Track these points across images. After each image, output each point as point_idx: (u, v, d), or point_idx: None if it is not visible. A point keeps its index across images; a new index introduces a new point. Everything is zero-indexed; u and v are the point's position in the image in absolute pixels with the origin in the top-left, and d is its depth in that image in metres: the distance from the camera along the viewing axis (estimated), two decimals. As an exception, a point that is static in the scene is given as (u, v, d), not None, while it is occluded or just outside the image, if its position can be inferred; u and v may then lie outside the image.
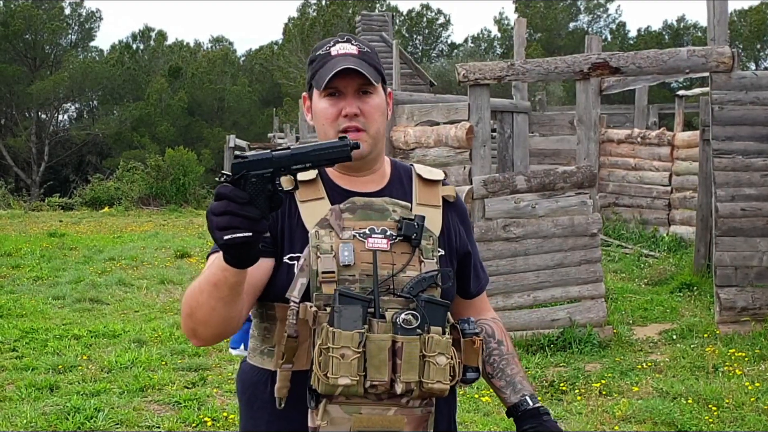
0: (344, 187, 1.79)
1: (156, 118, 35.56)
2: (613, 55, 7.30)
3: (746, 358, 5.99)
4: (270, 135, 27.55)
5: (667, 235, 11.58)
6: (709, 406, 4.98)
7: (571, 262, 6.64)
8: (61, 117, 40.03)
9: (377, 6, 42.38)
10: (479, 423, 4.86)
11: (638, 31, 42.98)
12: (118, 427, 4.87)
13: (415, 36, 46.96)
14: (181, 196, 21.82)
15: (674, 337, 6.75)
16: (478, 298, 1.96)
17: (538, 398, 1.84)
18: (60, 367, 6.03)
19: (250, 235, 1.43)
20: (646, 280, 9.15)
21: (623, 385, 5.52)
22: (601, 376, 5.69)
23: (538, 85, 21.44)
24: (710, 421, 4.77)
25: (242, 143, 25.61)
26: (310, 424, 1.63)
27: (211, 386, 5.64)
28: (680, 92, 15.39)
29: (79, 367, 6.05)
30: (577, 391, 5.42)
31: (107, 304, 8.52)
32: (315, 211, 1.73)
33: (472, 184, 6.61)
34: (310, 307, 1.64)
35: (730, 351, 6.15)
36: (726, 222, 6.90)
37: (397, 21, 42.23)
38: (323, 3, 39.94)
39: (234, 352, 2.01)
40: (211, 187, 25.25)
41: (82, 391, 5.43)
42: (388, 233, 1.72)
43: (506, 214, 6.55)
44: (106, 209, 20.77)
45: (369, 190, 1.80)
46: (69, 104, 39.88)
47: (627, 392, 5.38)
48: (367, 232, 1.71)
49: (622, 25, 45.31)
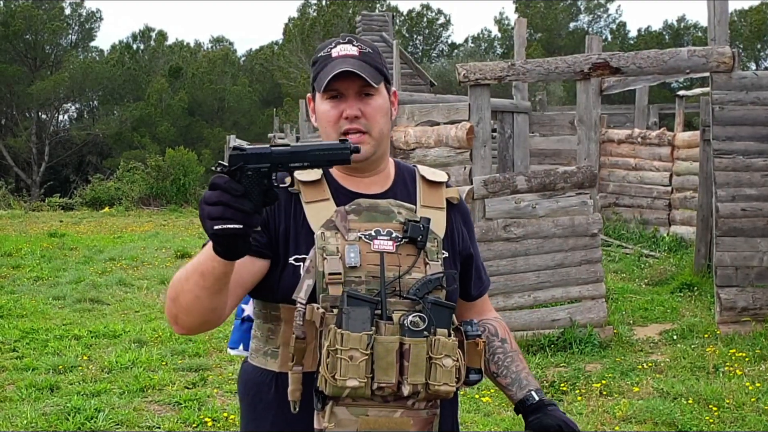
0: (349, 189, 1.79)
1: (156, 119, 35.57)
2: (614, 55, 7.30)
3: (747, 359, 5.99)
4: (270, 135, 27.54)
5: (668, 235, 11.58)
6: (710, 407, 4.98)
7: (572, 263, 6.64)
8: (61, 117, 40.10)
9: (377, 6, 42.37)
10: (480, 423, 4.86)
11: (638, 31, 43.02)
12: (119, 427, 4.87)
13: (415, 36, 46.96)
14: (182, 197, 21.82)
15: (675, 338, 6.75)
16: (481, 299, 1.96)
17: (544, 392, 1.84)
18: (60, 367, 6.03)
19: (240, 227, 1.41)
20: (646, 281, 9.15)
21: (624, 386, 5.52)
22: (601, 377, 5.69)
23: (539, 85, 21.44)
24: (711, 421, 4.77)
25: (243, 143, 25.58)
26: (316, 425, 1.63)
27: (212, 386, 5.64)
28: (681, 92, 15.40)
29: (80, 368, 6.05)
30: (577, 392, 5.42)
31: (107, 305, 8.52)
32: (320, 213, 1.73)
33: (472, 184, 6.61)
34: (317, 309, 1.63)
35: (731, 351, 6.15)
36: (726, 222, 6.90)
37: (398, 21, 42.24)
38: (323, 3, 39.95)
39: (233, 353, 2.00)
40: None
41: (83, 392, 5.43)
42: (394, 235, 1.72)
43: (507, 214, 6.55)
44: (106, 209, 20.77)
45: (374, 192, 1.80)
46: (69, 104, 39.92)
47: (627, 392, 5.38)
48: (373, 234, 1.70)
49: (623, 25, 45.31)
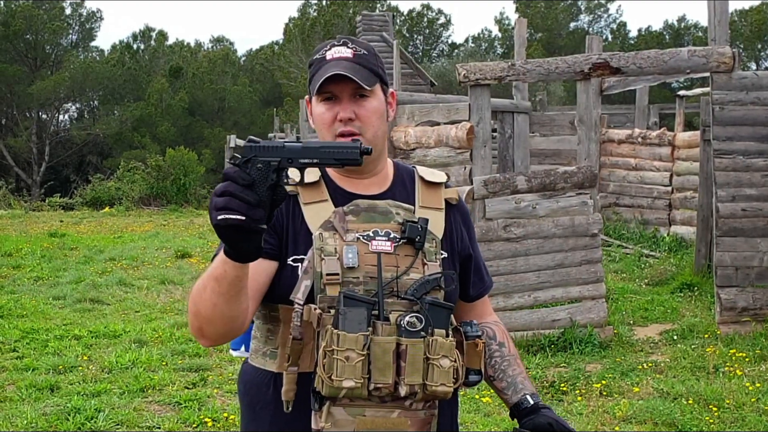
0: (347, 190, 1.78)
1: (157, 118, 35.59)
2: (614, 56, 7.30)
3: (747, 359, 5.99)
4: (270, 135, 27.57)
5: (668, 235, 11.58)
6: (710, 407, 4.98)
7: (572, 263, 6.64)
8: (61, 117, 40.15)
9: (378, 6, 42.40)
10: (480, 423, 4.86)
11: (639, 31, 43.04)
12: (119, 427, 4.87)
13: (415, 36, 46.98)
14: (182, 197, 21.83)
15: (675, 338, 6.75)
16: (480, 301, 1.96)
17: (540, 396, 1.84)
18: (60, 367, 6.03)
19: (242, 218, 1.40)
20: (646, 281, 9.15)
21: (624, 386, 5.52)
22: (601, 377, 5.69)
23: (539, 85, 21.44)
24: (711, 421, 4.77)
25: (243, 143, 25.63)
26: (313, 426, 1.63)
27: (212, 387, 5.64)
28: (681, 92, 15.39)
29: (80, 368, 6.05)
30: (577, 392, 5.42)
31: (108, 305, 8.52)
32: (318, 214, 1.73)
33: (472, 184, 6.61)
34: (315, 310, 1.63)
35: (731, 351, 6.15)
36: (726, 222, 6.90)
37: (398, 21, 42.27)
38: (324, 3, 39.97)
39: (235, 354, 2.00)
40: (211, 187, 25.26)
41: (83, 392, 5.43)
42: (392, 236, 1.71)
43: (507, 215, 6.55)
44: (106, 209, 20.78)
45: (372, 193, 1.79)
46: (70, 104, 39.96)
47: (627, 393, 5.38)
48: (371, 235, 1.70)
49: (623, 25, 45.35)
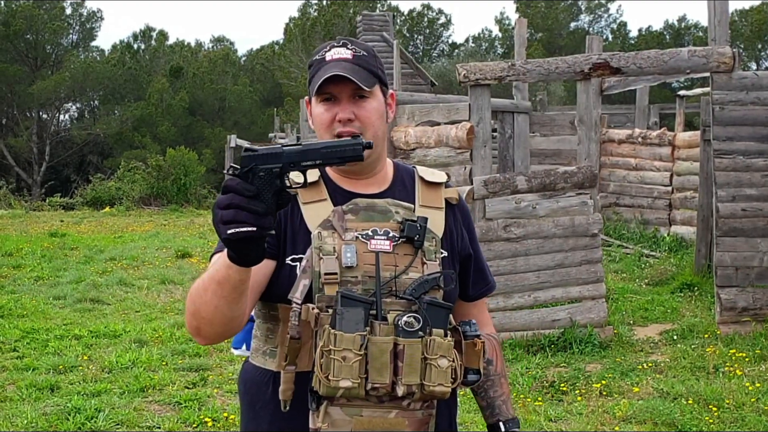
0: (346, 189, 1.79)
1: (157, 118, 35.59)
2: (614, 56, 7.30)
3: (747, 359, 5.99)
4: (271, 135, 27.57)
5: (668, 235, 11.57)
6: (710, 407, 4.98)
7: (572, 263, 6.64)
8: (62, 117, 40.15)
9: (378, 6, 42.41)
10: (479, 423, 4.86)
11: (639, 30, 43.02)
12: (119, 427, 4.87)
13: (416, 36, 46.97)
14: (182, 196, 21.83)
15: (675, 338, 6.75)
16: (478, 309, 1.96)
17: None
18: (60, 367, 6.03)
19: (254, 230, 1.39)
20: (646, 281, 9.15)
21: (624, 386, 5.52)
22: (601, 377, 5.69)
23: (540, 85, 21.44)
24: (710, 421, 4.77)
25: (243, 143, 25.64)
26: (311, 425, 1.63)
27: (212, 386, 5.65)
28: (681, 92, 15.40)
29: (80, 368, 6.05)
30: (577, 392, 5.42)
31: (108, 305, 8.53)
32: (317, 213, 1.73)
33: (472, 184, 6.61)
34: (313, 309, 1.63)
35: (731, 351, 6.15)
36: (727, 222, 6.90)
37: (398, 21, 42.27)
38: (324, 3, 39.97)
39: (236, 352, 2.00)
40: (212, 187, 25.28)
41: (83, 392, 5.44)
42: (391, 235, 1.71)
43: (507, 215, 6.55)
44: (107, 209, 20.79)
45: (371, 192, 1.80)
46: (70, 104, 39.97)
47: (627, 393, 5.38)
48: (370, 234, 1.70)
49: (623, 25, 45.35)
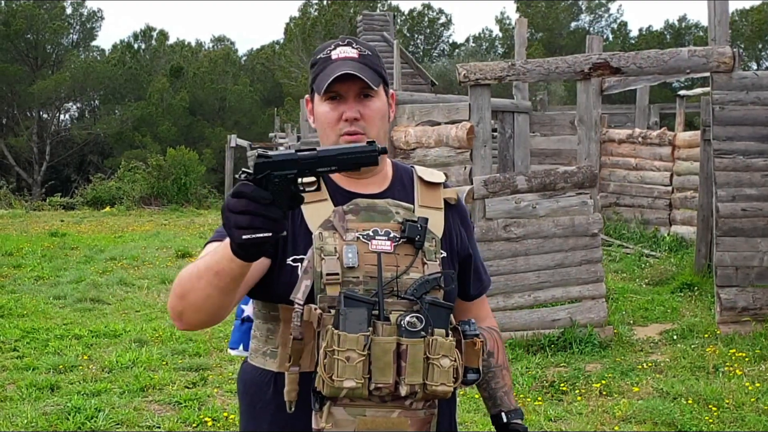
0: (347, 189, 1.79)
1: (157, 118, 35.58)
2: (614, 55, 7.30)
3: (747, 359, 5.99)
4: (271, 135, 27.55)
5: (668, 235, 11.57)
6: (710, 407, 4.98)
7: (572, 263, 6.65)
8: (62, 116, 40.14)
9: (378, 6, 42.41)
10: (479, 423, 4.87)
11: (640, 30, 43.01)
12: (119, 427, 4.87)
13: (416, 36, 46.97)
14: (183, 196, 21.84)
15: (675, 338, 6.75)
16: (479, 304, 1.97)
17: (521, 412, 1.90)
18: (61, 366, 6.04)
19: (269, 235, 1.41)
20: (646, 280, 9.15)
21: (623, 386, 5.52)
22: (601, 377, 5.69)
23: (540, 85, 21.44)
24: (710, 421, 4.78)
25: (244, 143, 25.65)
26: (314, 426, 1.63)
27: (212, 386, 5.65)
28: (681, 92, 15.40)
29: (80, 367, 6.06)
30: (577, 392, 5.42)
31: (108, 304, 8.53)
32: (318, 213, 1.73)
33: (472, 184, 6.61)
34: (315, 310, 1.63)
35: (731, 351, 6.15)
36: (727, 222, 6.90)
37: (399, 21, 42.26)
38: (324, 3, 39.96)
39: (233, 353, 2.00)
40: (212, 187, 25.29)
41: (83, 391, 5.44)
42: (392, 235, 1.71)
43: (507, 214, 6.55)
44: (107, 209, 20.80)
45: (371, 192, 1.80)
46: (70, 104, 39.95)
47: (627, 392, 5.39)
48: (371, 234, 1.70)
49: (624, 24, 45.36)
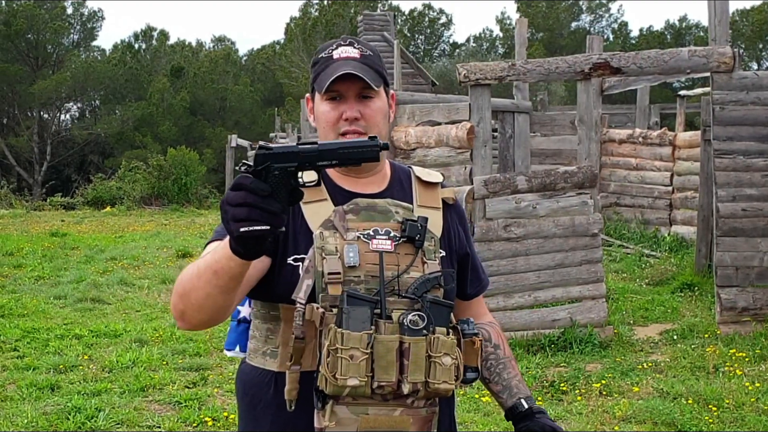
0: (346, 189, 1.79)
1: (158, 118, 35.57)
2: (614, 56, 7.30)
3: (747, 359, 5.99)
4: (272, 135, 27.54)
5: (669, 235, 11.58)
6: (710, 407, 4.99)
7: (572, 263, 6.65)
8: (63, 116, 40.12)
9: (379, 6, 42.40)
10: (479, 423, 4.87)
11: (640, 30, 42.96)
12: (119, 426, 4.88)
13: (417, 36, 46.95)
14: (183, 196, 21.84)
15: (675, 338, 6.76)
16: (477, 301, 1.97)
17: (536, 399, 1.85)
18: (61, 366, 6.04)
19: (267, 228, 1.38)
20: (647, 280, 9.15)
21: (624, 386, 5.52)
22: (601, 377, 5.69)
23: (540, 85, 21.44)
24: (710, 421, 4.78)
25: (244, 143, 25.64)
26: (316, 424, 1.63)
27: (212, 386, 5.65)
28: (682, 92, 15.40)
29: (80, 367, 6.06)
30: (577, 392, 5.42)
31: (109, 304, 8.54)
32: (318, 213, 1.73)
33: (472, 184, 6.61)
34: (317, 308, 1.63)
35: (731, 351, 6.15)
36: (727, 222, 6.90)
37: (399, 21, 42.25)
38: (325, 3, 39.96)
39: (229, 354, 1.99)
40: (213, 187, 25.27)
41: (83, 391, 5.44)
42: (392, 234, 1.72)
43: (507, 214, 6.55)
44: (108, 209, 20.80)
45: (371, 192, 1.80)
46: (71, 104, 39.93)
47: (627, 392, 5.39)
48: (371, 234, 1.71)
49: (624, 24, 45.34)
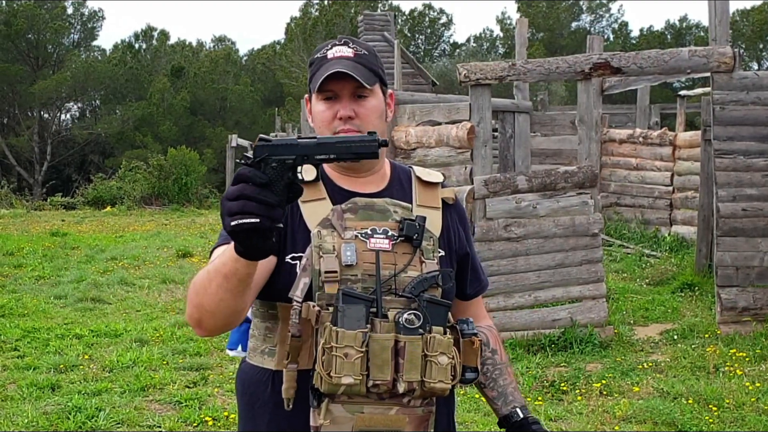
0: (345, 188, 1.79)
1: (158, 118, 35.58)
2: (615, 56, 7.30)
3: (747, 359, 5.99)
4: (272, 134, 27.55)
5: (669, 235, 11.58)
6: (710, 407, 4.98)
7: (573, 262, 6.65)
8: (63, 116, 40.13)
9: (379, 6, 42.41)
10: (479, 423, 4.87)
11: (641, 30, 42.98)
12: (119, 426, 4.88)
13: (417, 35, 46.96)
14: (184, 196, 21.84)
15: (675, 337, 6.76)
16: (475, 304, 1.97)
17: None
18: (61, 366, 6.04)
19: (257, 221, 1.35)
20: (647, 280, 9.15)
21: (624, 385, 5.52)
22: (601, 376, 5.69)
23: (541, 85, 21.44)
24: (711, 421, 4.78)
25: (244, 143, 25.64)
26: (312, 423, 1.63)
27: (212, 386, 5.65)
28: (682, 92, 15.41)
29: (81, 367, 6.06)
30: (577, 391, 5.42)
31: (109, 304, 8.54)
32: (316, 211, 1.73)
33: (473, 184, 6.61)
34: (313, 307, 1.64)
35: (731, 351, 6.15)
36: (727, 222, 6.90)
37: (400, 20, 42.27)
38: (325, 2, 39.97)
39: (231, 353, 1.99)
40: (213, 187, 25.27)
41: (84, 391, 5.45)
42: (390, 233, 1.72)
43: (507, 214, 6.55)
44: (108, 209, 20.80)
45: (370, 191, 1.80)
46: (71, 104, 39.92)
47: (628, 392, 5.39)
48: (369, 233, 1.71)
49: (625, 24, 45.34)
